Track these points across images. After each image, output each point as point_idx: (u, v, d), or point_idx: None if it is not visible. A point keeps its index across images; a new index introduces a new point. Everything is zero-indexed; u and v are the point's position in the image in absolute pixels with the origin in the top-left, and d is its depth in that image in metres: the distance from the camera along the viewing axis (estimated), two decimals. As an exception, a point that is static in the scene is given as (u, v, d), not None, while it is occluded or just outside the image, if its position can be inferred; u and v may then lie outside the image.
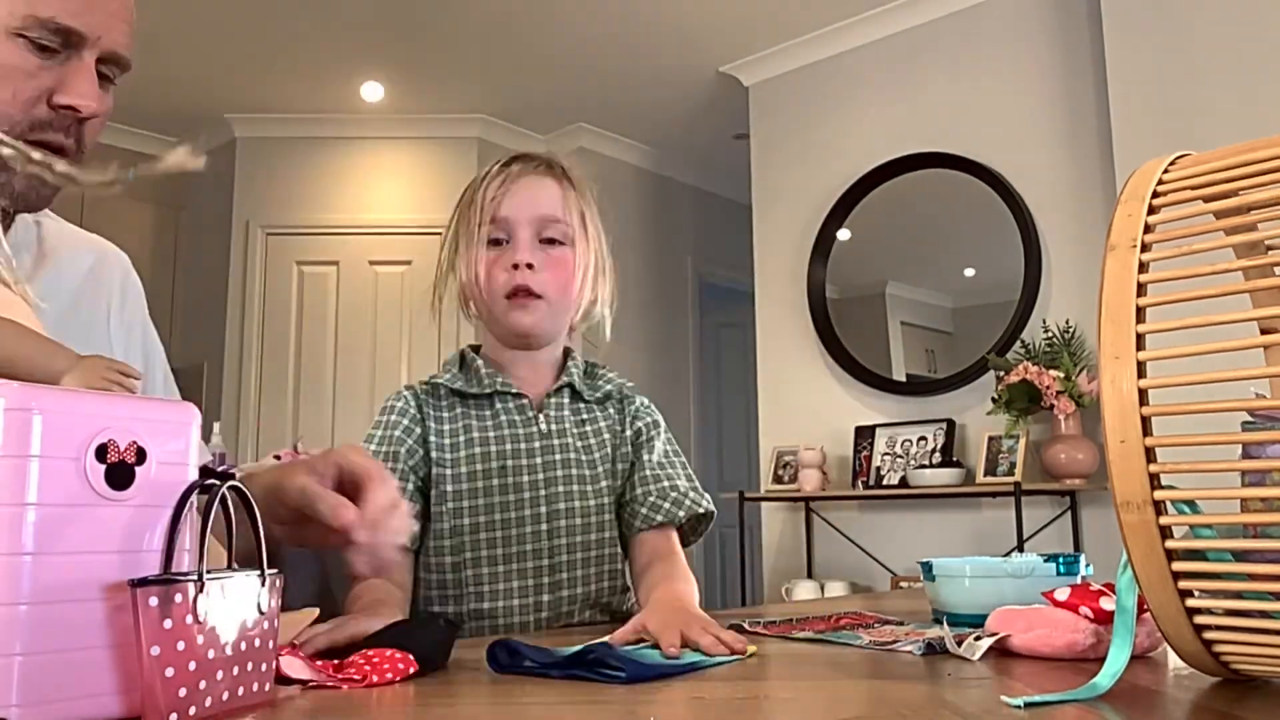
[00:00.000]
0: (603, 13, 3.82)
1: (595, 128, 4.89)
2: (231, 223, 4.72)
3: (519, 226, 1.22)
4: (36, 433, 0.52)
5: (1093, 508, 3.20)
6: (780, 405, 3.98)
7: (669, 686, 0.72)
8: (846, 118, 3.95)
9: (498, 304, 1.22)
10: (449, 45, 4.08)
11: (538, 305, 1.21)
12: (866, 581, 3.62)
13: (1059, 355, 3.15)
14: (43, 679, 0.51)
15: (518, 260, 1.20)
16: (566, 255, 1.24)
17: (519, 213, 1.22)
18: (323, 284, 4.73)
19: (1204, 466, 0.57)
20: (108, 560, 0.54)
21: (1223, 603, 0.57)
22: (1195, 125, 2.85)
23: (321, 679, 0.69)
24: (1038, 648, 0.78)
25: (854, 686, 0.72)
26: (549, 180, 1.26)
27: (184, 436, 0.59)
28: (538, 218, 1.23)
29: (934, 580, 1.06)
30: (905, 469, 3.48)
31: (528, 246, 1.21)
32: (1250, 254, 0.67)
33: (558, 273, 1.23)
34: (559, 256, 1.23)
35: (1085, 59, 3.35)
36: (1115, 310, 0.58)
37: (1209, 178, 0.62)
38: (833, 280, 3.89)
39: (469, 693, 0.72)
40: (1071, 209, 3.35)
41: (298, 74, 4.31)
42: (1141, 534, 0.56)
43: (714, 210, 5.48)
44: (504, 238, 1.22)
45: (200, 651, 0.55)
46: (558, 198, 1.25)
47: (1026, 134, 3.46)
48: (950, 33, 3.69)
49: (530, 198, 1.23)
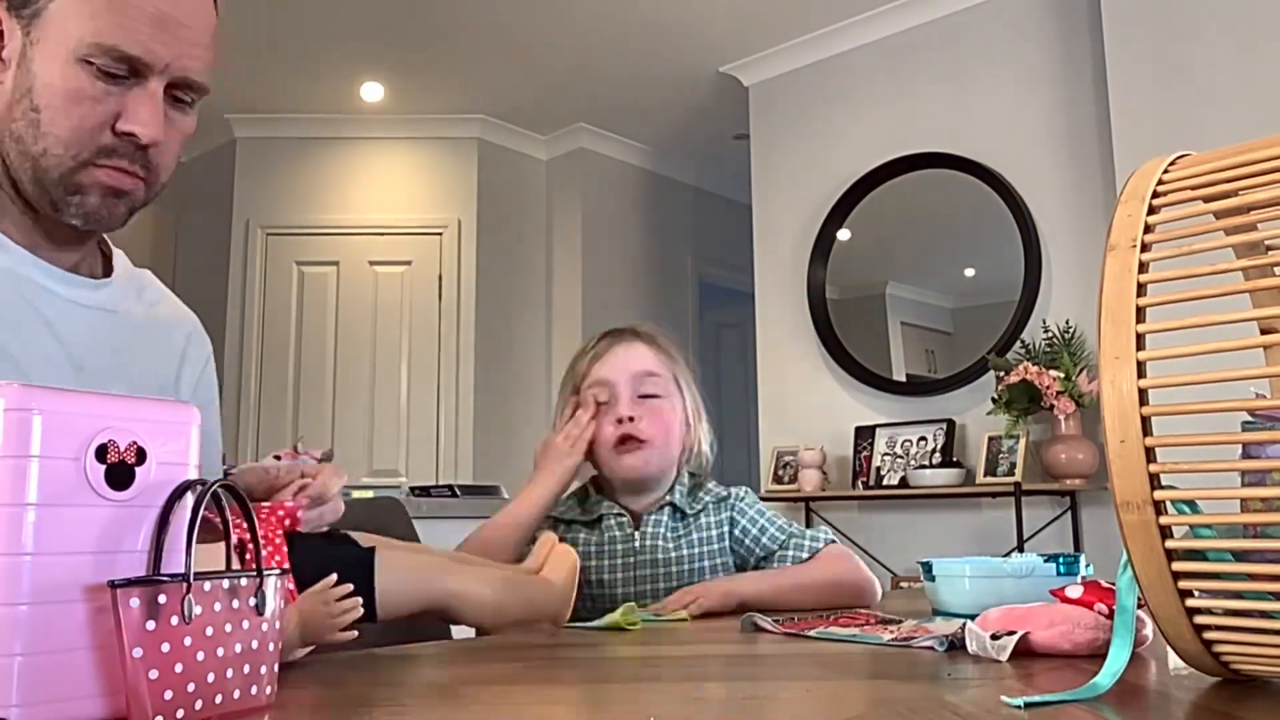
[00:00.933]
0: (603, 13, 3.82)
1: (595, 128, 4.89)
2: (231, 223, 4.72)
3: (618, 386, 1.39)
4: (37, 433, 0.52)
5: (1093, 508, 3.20)
6: (780, 405, 3.98)
7: (670, 686, 0.72)
8: (846, 118, 3.95)
9: (607, 455, 1.38)
10: (449, 45, 4.08)
11: (644, 448, 1.37)
12: (866, 581, 3.62)
13: (1059, 355, 3.15)
14: (42, 679, 0.51)
15: (621, 415, 1.37)
16: (664, 406, 1.40)
17: (617, 374, 1.39)
18: (323, 284, 4.73)
19: (1204, 466, 0.57)
20: (109, 560, 0.54)
21: (1223, 603, 0.57)
22: (1195, 126, 2.85)
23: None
24: (1059, 644, 0.77)
25: (854, 686, 0.72)
26: (639, 344, 1.43)
27: (184, 436, 0.59)
28: (634, 375, 1.40)
29: (934, 580, 1.06)
30: (905, 469, 3.48)
31: (628, 401, 1.38)
32: (1250, 254, 0.67)
33: (658, 420, 1.38)
34: (657, 407, 1.39)
35: (1085, 58, 3.35)
36: (1115, 310, 0.58)
37: (1209, 178, 0.62)
38: (833, 280, 3.89)
39: (469, 692, 0.72)
40: (1071, 209, 3.34)
41: (297, 74, 4.31)
42: (1141, 534, 0.56)
43: (714, 210, 5.48)
44: (606, 399, 1.39)
45: (188, 653, 0.54)
46: (649, 356, 1.42)
47: (1026, 134, 3.46)
48: (950, 33, 3.69)
49: (625, 359, 1.41)
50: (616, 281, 4.99)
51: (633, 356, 1.41)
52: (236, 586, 0.58)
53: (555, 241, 5.00)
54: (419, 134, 4.79)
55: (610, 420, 1.37)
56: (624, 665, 0.87)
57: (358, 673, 0.81)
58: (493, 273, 4.76)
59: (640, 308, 5.07)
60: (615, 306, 4.95)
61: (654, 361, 1.42)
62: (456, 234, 4.73)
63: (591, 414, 1.38)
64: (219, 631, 0.56)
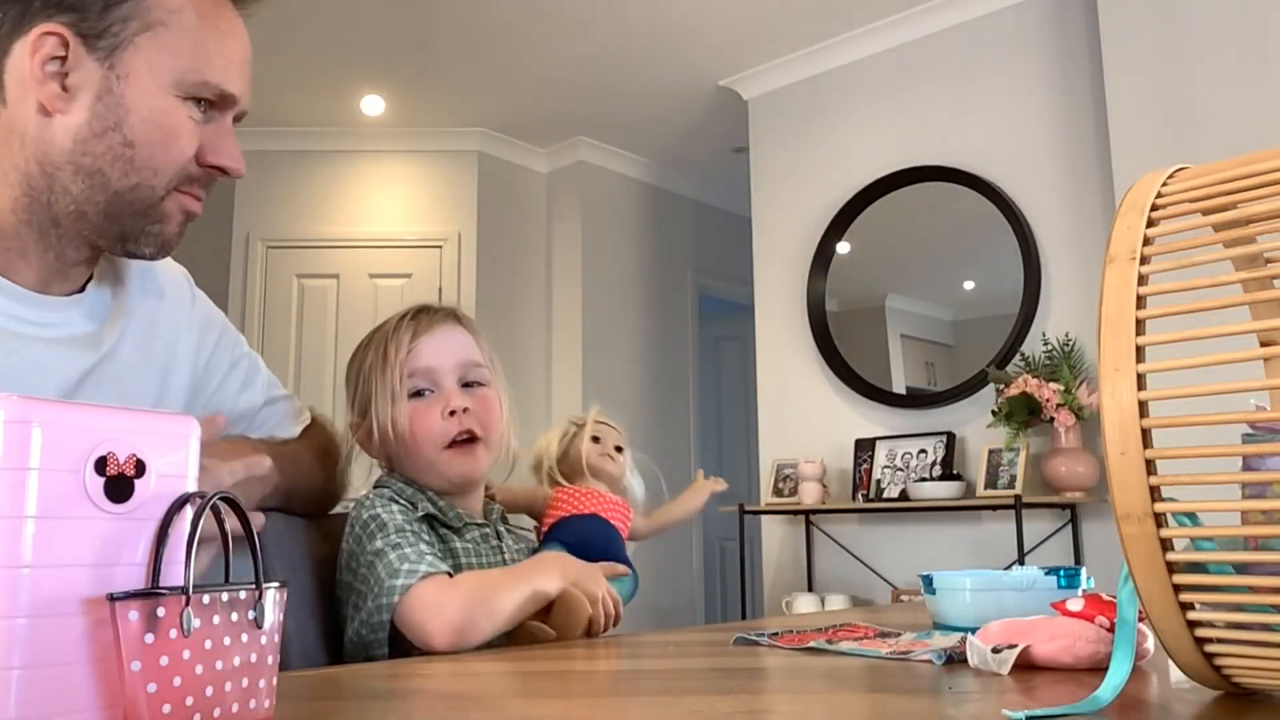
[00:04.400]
0: (603, 26, 3.83)
1: (595, 141, 4.91)
2: (232, 235, 4.73)
3: (442, 374, 1.25)
4: (36, 445, 0.52)
5: (1093, 520, 3.19)
6: (780, 418, 3.98)
7: (666, 700, 0.71)
8: (846, 131, 3.96)
9: (437, 454, 1.23)
10: (449, 59, 4.10)
11: (479, 451, 1.25)
12: (867, 595, 3.61)
13: (1059, 368, 3.15)
14: (40, 692, 0.51)
15: (454, 407, 1.23)
16: (489, 394, 1.28)
17: (439, 360, 1.25)
18: (322, 297, 4.73)
19: (1204, 479, 0.57)
20: (107, 573, 0.54)
21: (1224, 615, 0.57)
22: (1193, 139, 2.86)
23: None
24: (1061, 658, 0.77)
25: (854, 700, 0.72)
26: (457, 327, 1.30)
27: (183, 449, 0.59)
28: (458, 363, 1.26)
29: (934, 594, 1.06)
30: (905, 482, 3.48)
31: (457, 392, 1.25)
32: (1249, 266, 0.67)
33: (486, 413, 1.26)
34: (483, 396, 1.27)
35: (1084, 72, 3.36)
36: (1115, 322, 0.58)
37: (1208, 190, 0.62)
38: (832, 293, 3.89)
39: (466, 706, 0.72)
40: (1070, 221, 3.35)
41: (298, 87, 4.32)
42: (1142, 546, 0.56)
43: (713, 223, 5.49)
44: (428, 387, 1.25)
45: (187, 667, 0.54)
46: (470, 342, 1.29)
47: (1025, 147, 3.47)
48: (949, 47, 3.71)
49: (447, 345, 1.27)
50: (616, 294, 5.00)
51: (457, 342, 1.28)
52: (236, 599, 0.58)
53: (555, 255, 5.00)
54: (419, 147, 4.80)
55: (440, 414, 1.22)
56: (618, 679, 0.86)
57: (354, 686, 0.81)
58: (492, 286, 4.76)
59: (640, 320, 5.08)
60: (615, 319, 4.96)
61: (476, 349, 1.29)
62: (456, 247, 4.74)
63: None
64: (218, 645, 0.56)
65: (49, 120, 0.87)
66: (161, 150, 0.89)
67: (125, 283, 1.03)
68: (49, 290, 0.94)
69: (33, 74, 0.86)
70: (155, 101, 0.88)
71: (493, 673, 0.89)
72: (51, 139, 0.88)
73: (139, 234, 0.92)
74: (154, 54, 0.88)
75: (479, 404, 1.25)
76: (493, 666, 0.94)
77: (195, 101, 0.91)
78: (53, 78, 0.87)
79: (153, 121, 0.89)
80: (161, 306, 1.06)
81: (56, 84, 0.87)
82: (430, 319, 1.28)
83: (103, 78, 0.87)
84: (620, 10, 3.72)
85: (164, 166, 0.90)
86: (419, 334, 1.25)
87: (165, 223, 0.93)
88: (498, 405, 1.28)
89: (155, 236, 0.93)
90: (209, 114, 0.93)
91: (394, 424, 1.22)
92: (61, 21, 0.86)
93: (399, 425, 1.22)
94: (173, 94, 0.89)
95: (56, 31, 0.86)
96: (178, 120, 0.90)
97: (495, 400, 1.28)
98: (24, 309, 0.91)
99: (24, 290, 0.91)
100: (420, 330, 1.26)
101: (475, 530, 1.26)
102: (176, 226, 0.94)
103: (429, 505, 1.23)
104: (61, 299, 0.95)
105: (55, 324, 0.93)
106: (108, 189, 0.89)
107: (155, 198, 0.91)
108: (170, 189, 0.92)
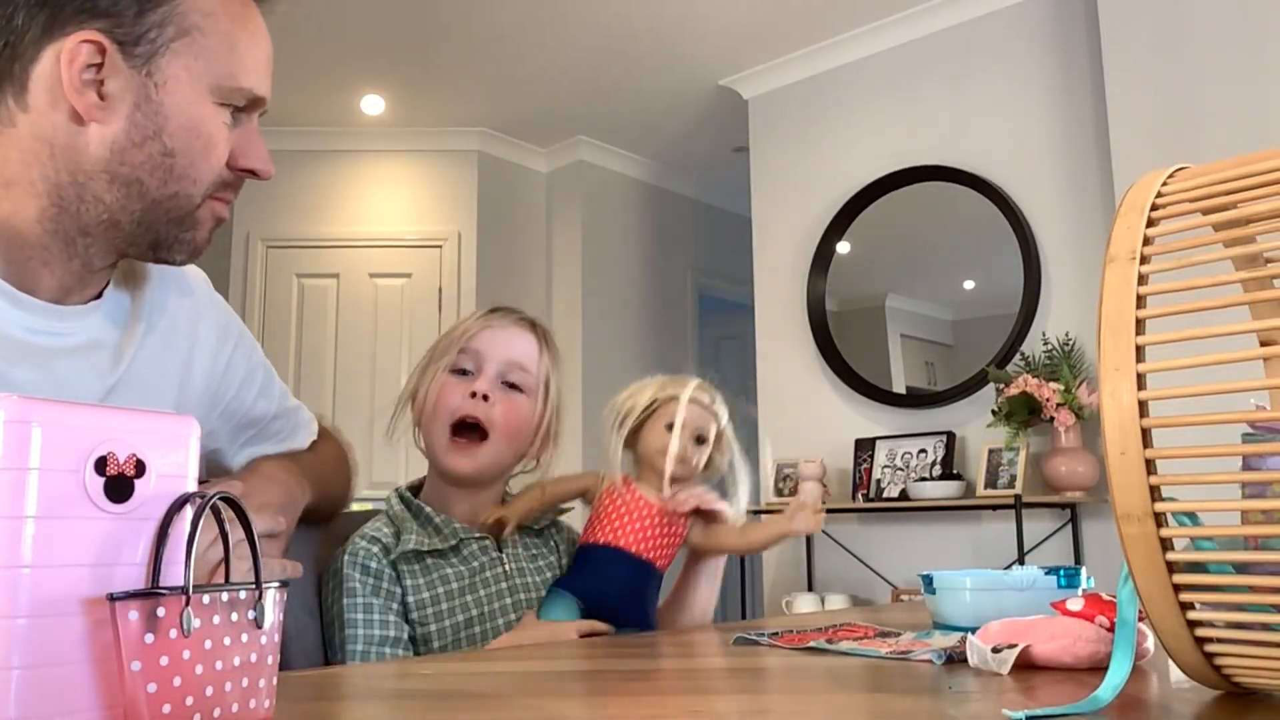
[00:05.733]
0: (602, 26, 3.83)
1: (595, 140, 4.91)
2: (232, 235, 4.73)
3: (487, 361, 1.25)
4: (35, 445, 0.52)
5: (1093, 520, 3.19)
6: (780, 418, 3.98)
7: (667, 699, 0.71)
8: (846, 130, 3.96)
9: (443, 439, 1.24)
10: (449, 58, 4.09)
11: (479, 451, 1.23)
12: (867, 594, 3.61)
13: (1059, 368, 3.15)
14: (40, 692, 0.51)
15: (476, 389, 1.23)
16: (521, 401, 1.26)
17: (491, 349, 1.26)
18: (323, 296, 4.73)
19: (1204, 478, 0.57)
20: (107, 573, 0.54)
21: (1224, 615, 0.57)
22: (1193, 139, 2.85)
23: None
24: (1060, 658, 0.77)
25: (854, 700, 0.72)
26: (528, 334, 1.30)
27: (184, 449, 0.59)
28: (507, 360, 1.26)
29: (935, 593, 1.06)
30: (905, 482, 3.48)
31: (491, 381, 1.24)
32: (1249, 266, 0.67)
33: (511, 414, 1.25)
34: (515, 399, 1.26)
35: (1084, 72, 3.36)
36: (1115, 322, 0.58)
37: (1208, 190, 0.62)
38: (832, 293, 3.89)
39: (466, 705, 0.72)
40: (1070, 221, 3.35)
41: (298, 87, 4.32)
42: (1142, 546, 0.56)
43: (713, 223, 5.49)
44: (470, 368, 1.25)
45: (187, 667, 0.54)
46: (533, 351, 1.29)
47: (1025, 147, 3.47)
48: (950, 46, 3.71)
49: (506, 340, 1.27)
50: (616, 294, 5.00)
51: (516, 342, 1.28)
52: (236, 599, 0.58)
53: (555, 254, 5.00)
54: (419, 147, 4.80)
55: (462, 392, 1.23)
56: (618, 679, 0.86)
57: (353, 686, 0.81)
58: (493, 285, 4.76)
59: (640, 320, 5.08)
60: (615, 319, 4.96)
61: (536, 356, 1.29)
62: (456, 246, 4.74)
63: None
64: (218, 645, 0.56)
65: (82, 129, 0.84)
66: (201, 158, 0.88)
67: (144, 284, 1.01)
68: (69, 298, 0.92)
69: (70, 82, 0.83)
70: (193, 109, 0.87)
71: (493, 673, 0.89)
72: (84, 148, 0.85)
73: (172, 241, 0.91)
74: (191, 60, 0.86)
75: (505, 403, 1.25)
76: (493, 666, 0.94)
77: (227, 106, 0.90)
78: (89, 86, 0.83)
79: (192, 129, 0.87)
80: (183, 306, 1.06)
81: (93, 92, 0.84)
82: (504, 316, 1.31)
83: (140, 85, 0.85)
84: (620, 10, 3.72)
85: (203, 174, 0.89)
86: (488, 324, 1.28)
87: (198, 229, 0.92)
88: (526, 417, 1.27)
89: (188, 243, 0.92)
90: (237, 117, 0.92)
91: (427, 392, 1.25)
92: (96, 28, 0.83)
93: (430, 393, 1.24)
94: (209, 100, 0.88)
95: (93, 39, 0.83)
96: (215, 126, 0.89)
97: (526, 411, 1.27)
98: (44, 321, 0.89)
99: (43, 304, 0.89)
100: (491, 322, 1.29)
101: (474, 544, 1.24)
102: (207, 232, 0.93)
103: (417, 532, 1.21)
104: (80, 306, 0.93)
105: (75, 332, 0.92)
106: (145, 198, 0.87)
107: (193, 205, 0.90)
108: (206, 196, 0.91)
